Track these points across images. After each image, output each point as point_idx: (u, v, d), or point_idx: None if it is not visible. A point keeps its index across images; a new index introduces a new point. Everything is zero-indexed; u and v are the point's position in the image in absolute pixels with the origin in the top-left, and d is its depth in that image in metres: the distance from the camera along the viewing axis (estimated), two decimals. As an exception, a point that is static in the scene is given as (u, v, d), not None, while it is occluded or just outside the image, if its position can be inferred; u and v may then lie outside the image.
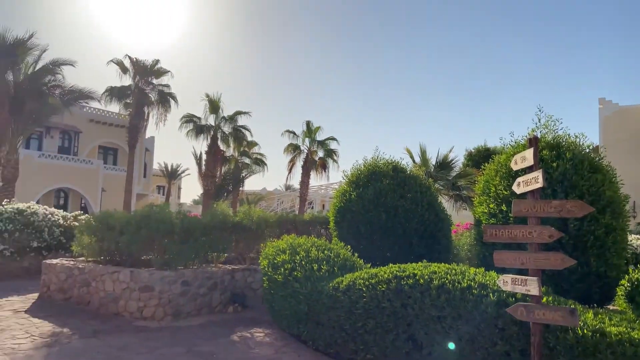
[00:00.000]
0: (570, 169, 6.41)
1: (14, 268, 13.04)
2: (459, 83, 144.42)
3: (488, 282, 5.03)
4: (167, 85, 29.57)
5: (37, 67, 18.07)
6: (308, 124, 31.78)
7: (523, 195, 4.79)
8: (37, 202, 18.21)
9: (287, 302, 7.21)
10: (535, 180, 4.53)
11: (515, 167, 5.08)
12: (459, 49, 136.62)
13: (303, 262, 7.26)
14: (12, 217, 13.29)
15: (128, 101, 28.51)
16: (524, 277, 4.48)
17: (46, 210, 14.47)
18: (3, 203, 14.69)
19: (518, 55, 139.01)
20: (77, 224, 13.43)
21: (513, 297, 4.68)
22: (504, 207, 6.55)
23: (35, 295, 10.23)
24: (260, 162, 36.93)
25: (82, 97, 20.00)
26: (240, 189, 36.80)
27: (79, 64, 18.80)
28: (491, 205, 6.84)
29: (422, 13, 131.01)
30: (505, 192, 6.59)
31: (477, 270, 5.47)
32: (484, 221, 6.97)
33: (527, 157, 4.74)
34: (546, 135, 7.06)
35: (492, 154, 8.54)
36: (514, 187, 4.94)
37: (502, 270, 5.19)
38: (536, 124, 7.09)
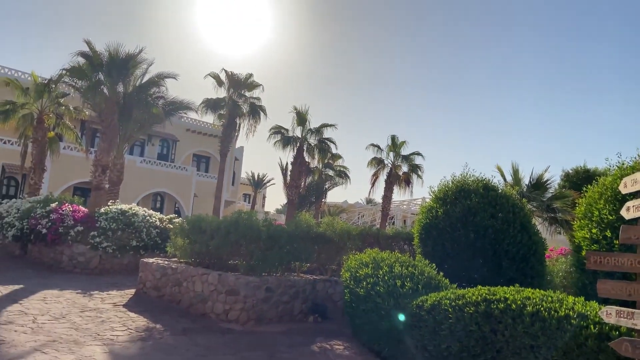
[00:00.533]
0: (688, 194, 5.80)
1: (115, 264, 14.17)
2: (554, 100, 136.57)
3: (588, 312, 4.67)
4: (258, 98, 30.72)
5: (144, 80, 19.54)
6: (393, 138, 31.49)
7: (632, 221, 4.42)
8: (137, 205, 19.61)
9: (369, 316, 7.15)
10: (648, 205, 4.15)
11: (624, 190, 4.68)
12: (554, 54, 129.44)
13: (386, 277, 7.17)
14: (116, 217, 14.48)
15: (222, 112, 29.93)
16: (630, 309, 4.13)
17: (145, 212, 15.57)
18: (109, 204, 16.02)
19: (623, 68, 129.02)
20: (171, 226, 14.31)
21: (617, 330, 4.32)
22: (608, 233, 6.06)
23: (132, 290, 11.00)
24: (343, 174, 37.23)
25: (182, 108, 21.39)
26: (323, 200, 37.26)
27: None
28: (594, 230, 6.37)
29: (509, 14, 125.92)
30: (611, 217, 6.10)
31: (576, 299, 5.10)
32: (584, 247, 6.50)
33: (639, 179, 4.36)
34: (659, 157, 6.46)
35: (593, 176, 7.97)
36: (623, 212, 4.56)
37: (603, 301, 4.80)
38: (647, 144, 6.53)
